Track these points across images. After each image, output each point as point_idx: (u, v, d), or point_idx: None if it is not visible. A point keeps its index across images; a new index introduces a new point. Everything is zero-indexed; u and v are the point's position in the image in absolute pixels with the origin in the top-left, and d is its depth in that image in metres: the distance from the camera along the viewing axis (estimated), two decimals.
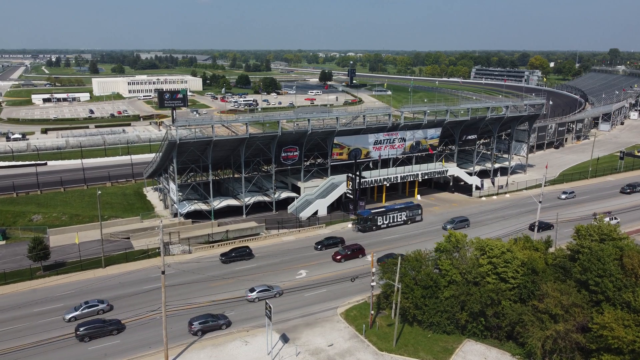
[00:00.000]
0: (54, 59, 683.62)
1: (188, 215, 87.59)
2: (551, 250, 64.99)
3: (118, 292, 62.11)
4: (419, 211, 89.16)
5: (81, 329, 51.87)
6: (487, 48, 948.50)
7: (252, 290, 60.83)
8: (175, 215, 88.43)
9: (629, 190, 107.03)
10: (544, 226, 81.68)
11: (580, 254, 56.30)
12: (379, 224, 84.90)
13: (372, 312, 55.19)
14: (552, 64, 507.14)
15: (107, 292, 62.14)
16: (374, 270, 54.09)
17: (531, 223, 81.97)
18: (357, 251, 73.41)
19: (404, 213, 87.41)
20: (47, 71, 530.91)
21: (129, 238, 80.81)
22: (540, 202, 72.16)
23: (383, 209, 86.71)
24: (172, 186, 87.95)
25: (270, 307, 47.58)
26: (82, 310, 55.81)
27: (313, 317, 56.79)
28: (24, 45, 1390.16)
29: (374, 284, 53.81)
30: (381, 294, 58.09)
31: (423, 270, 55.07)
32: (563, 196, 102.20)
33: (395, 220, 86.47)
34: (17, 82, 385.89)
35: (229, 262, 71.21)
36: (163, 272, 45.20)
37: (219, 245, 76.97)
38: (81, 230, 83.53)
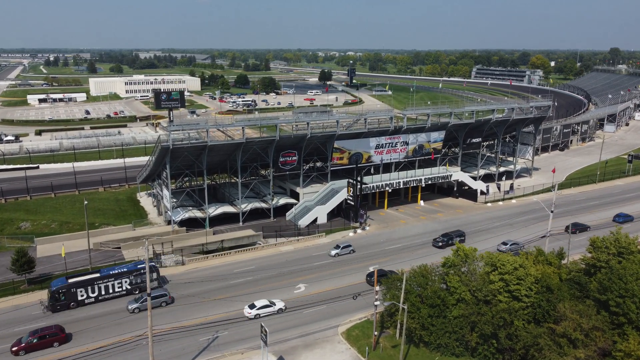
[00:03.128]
0: (52, 59, 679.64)
1: (182, 222, 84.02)
2: (563, 262, 61.49)
3: (104, 309, 58.41)
4: (154, 275, 62.71)
5: None
6: (486, 47, 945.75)
7: (252, 306, 57.43)
8: (169, 222, 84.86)
9: (441, 244, 76.63)
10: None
11: (598, 271, 53.07)
12: (80, 298, 58.71)
13: (376, 332, 51.57)
14: (552, 63, 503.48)
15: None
16: (377, 288, 50.43)
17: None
18: (51, 337, 50.28)
19: (127, 279, 61.31)
20: (45, 71, 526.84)
21: (119, 248, 77.18)
22: (552, 211, 68.53)
23: (95, 275, 60.62)
24: (166, 193, 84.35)
25: (266, 331, 44.03)
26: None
27: (312, 337, 53.16)
28: (22, 44, 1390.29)
29: (377, 303, 50.17)
30: (384, 311, 54.56)
31: (430, 287, 51.51)
32: (333, 252, 73.79)
33: (111, 291, 60.53)
34: (14, 82, 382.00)
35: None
36: (149, 295, 41.58)
37: (214, 256, 73.33)
38: (70, 239, 80.00)
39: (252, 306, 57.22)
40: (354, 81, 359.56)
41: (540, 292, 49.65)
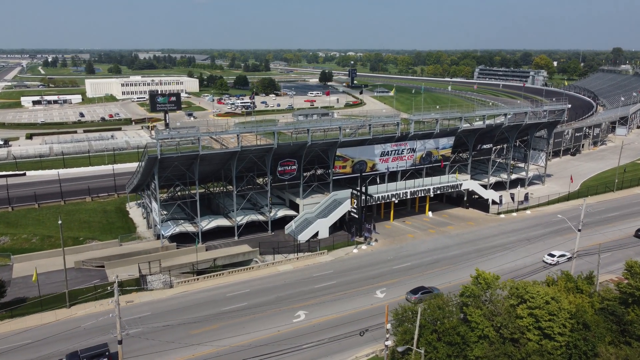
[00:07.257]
0: (50, 59, 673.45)
1: (173, 237, 77.62)
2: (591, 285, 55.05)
3: (79, 341, 51.87)
4: None
5: None
6: (488, 47, 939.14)
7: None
8: (159, 237, 78.45)
9: None
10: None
11: (637, 301, 46.76)
12: None
13: None
14: (555, 64, 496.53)
15: (67, 342, 51.63)
16: (388, 326, 43.97)
17: None
18: None
19: None
20: (42, 72, 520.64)
21: (103, 266, 70.78)
22: (579, 230, 61.93)
23: None
24: (155, 205, 77.91)
25: None
26: None
27: None
28: (22, 45, 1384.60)
29: (388, 342, 43.69)
30: (395, 347, 48.05)
31: (447, 322, 45.03)
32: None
33: None
34: (9, 83, 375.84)
35: None
36: (120, 342, 35.16)
37: (205, 278, 66.78)
38: (51, 256, 73.78)
39: None
40: (355, 82, 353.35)
41: (576, 329, 43.26)
